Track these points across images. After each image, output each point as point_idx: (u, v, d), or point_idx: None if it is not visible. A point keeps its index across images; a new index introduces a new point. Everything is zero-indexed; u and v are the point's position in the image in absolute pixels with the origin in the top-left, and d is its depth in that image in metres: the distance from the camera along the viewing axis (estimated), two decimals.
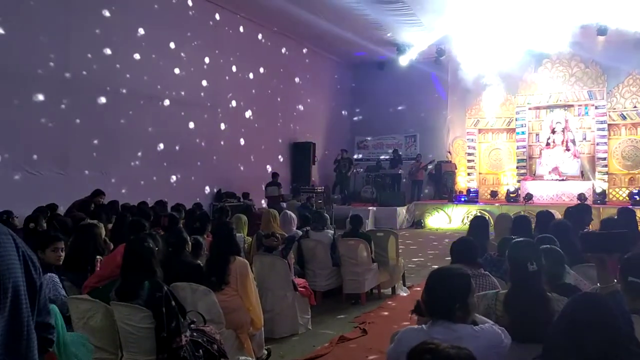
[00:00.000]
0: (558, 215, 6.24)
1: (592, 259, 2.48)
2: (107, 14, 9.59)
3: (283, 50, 14.95)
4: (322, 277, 6.31)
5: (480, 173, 16.28)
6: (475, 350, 2.05)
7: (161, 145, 10.75)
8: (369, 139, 18.30)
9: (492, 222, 8.83)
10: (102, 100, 9.55)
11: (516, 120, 15.56)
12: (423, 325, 2.26)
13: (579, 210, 5.89)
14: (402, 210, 14.40)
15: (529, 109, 15.53)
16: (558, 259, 3.13)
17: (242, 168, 13.16)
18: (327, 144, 16.99)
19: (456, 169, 16.23)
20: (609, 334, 1.92)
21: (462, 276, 2.28)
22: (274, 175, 13.14)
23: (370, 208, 14.01)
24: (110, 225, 6.25)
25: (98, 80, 9.44)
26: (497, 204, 14.16)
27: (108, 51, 9.61)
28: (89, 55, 9.27)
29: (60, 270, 3.86)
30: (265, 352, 4.52)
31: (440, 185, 16.00)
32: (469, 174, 16.26)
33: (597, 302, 2.05)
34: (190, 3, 11.55)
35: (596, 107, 14.72)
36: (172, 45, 11.05)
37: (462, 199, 14.67)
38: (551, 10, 11.96)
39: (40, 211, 6.35)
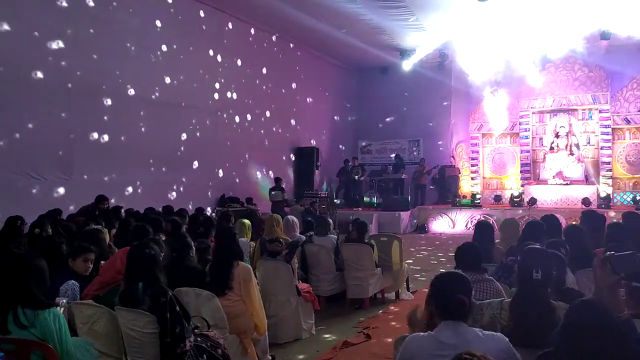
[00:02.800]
0: (562, 220, 6.17)
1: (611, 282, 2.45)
2: (110, 19, 9.64)
3: (287, 55, 14.98)
4: (325, 282, 6.30)
5: (484, 177, 16.26)
6: None
7: (165, 151, 10.76)
8: (372, 143, 18.31)
9: (496, 226, 8.84)
10: (106, 105, 9.58)
11: (520, 124, 15.56)
12: (430, 331, 2.26)
13: (593, 220, 5.37)
14: (405, 215, 14.38)
15: (533, 113, 15.53)
16: (560, 265, 3.12)
17: (245, 173, 13.17)
18: (330, 149, 16.99)
19: (460, 173, 16.21)
20: (609, 339, 1.91)
21: (465, 277, 2.39)
22: (278, 180, 13.13)
23: (374, 213, 13.99)
24: (114, 231, 6.26)
25: (102, 85, 9.49)
26: (501, 208, 14.13)
27: (113, 56, 9.65)
28: (94, 60, 9.31)
29: (67, 275, 3.86)
30: (270, 357, 4.51)
31: (444, 190, 15.98)
32: (472, 179, 16.24)
33: (595, 307, 2.04)
34: (195, 9, 11.61)
35: (600, 111, 14.71)
36: (176, 50, 11.09)
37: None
38: (555, 14, 11.97)
39: (46, 217, 6.36)
